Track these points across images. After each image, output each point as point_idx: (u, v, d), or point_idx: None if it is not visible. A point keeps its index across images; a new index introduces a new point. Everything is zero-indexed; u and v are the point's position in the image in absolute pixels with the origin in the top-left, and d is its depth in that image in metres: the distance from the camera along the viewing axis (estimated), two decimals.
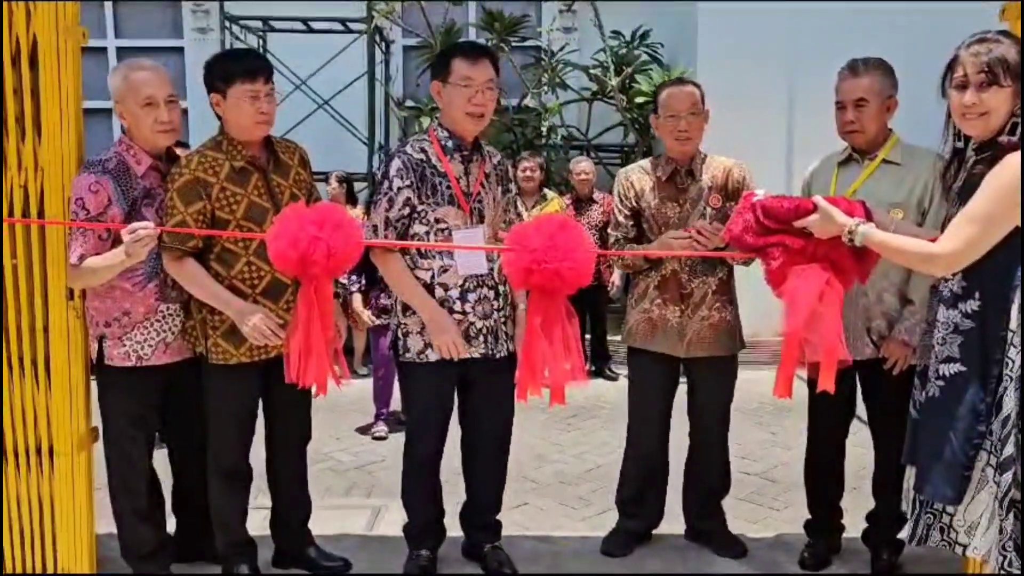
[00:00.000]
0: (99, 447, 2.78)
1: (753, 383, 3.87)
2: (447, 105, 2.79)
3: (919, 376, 2.34)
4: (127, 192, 2.61)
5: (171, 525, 3.00)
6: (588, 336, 6.39)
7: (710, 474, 3.23)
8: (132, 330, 2.66)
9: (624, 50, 7.68)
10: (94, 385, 2.75)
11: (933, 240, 2.17)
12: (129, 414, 2.71)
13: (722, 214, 2.96)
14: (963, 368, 2.14)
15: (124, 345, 2.66)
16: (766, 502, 4.00)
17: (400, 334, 2.87)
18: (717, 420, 3.18)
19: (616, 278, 6.25)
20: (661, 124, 3.04)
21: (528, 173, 6.17)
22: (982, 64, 2.09)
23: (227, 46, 7.59)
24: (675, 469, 3.28)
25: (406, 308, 2.84)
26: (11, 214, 2.51)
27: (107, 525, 2.85)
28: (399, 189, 2.75)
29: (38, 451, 2.62)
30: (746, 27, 6.68)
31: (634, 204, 3.09)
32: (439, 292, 2.79)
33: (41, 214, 2.53)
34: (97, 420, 2.77)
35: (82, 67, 2.62)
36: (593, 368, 6.40)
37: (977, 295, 2.13)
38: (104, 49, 8.49)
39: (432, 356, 2.81)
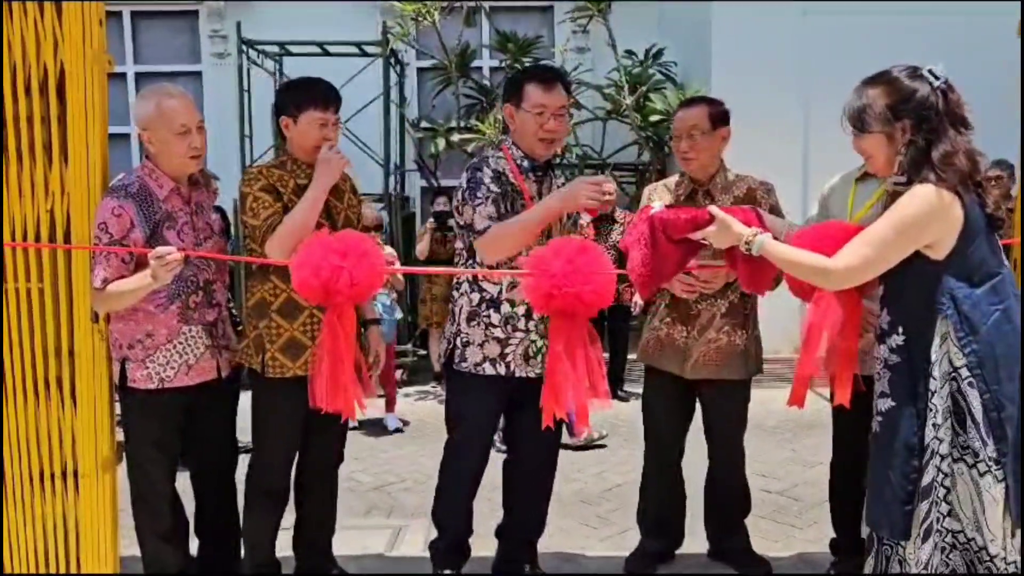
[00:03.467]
0: (123, 469, 2.79)
1: (772, 401, 3.85)
2: (520, 128, 2.83)
3: None
4: (149, 216, 2.64)
5: (193, 547, 3.00)
6: (606, 355, 6.39)
7: (728, 495, 3.22)
8: (155, 352, 2.68)
9: (638, 69, 7.72)
10: (117, 407, 2.77)
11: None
12: (152, 436, 2.72)
13: None
14: (894, 403, 2.16)
15: (147, 367, 2.68)
16: (788, 520, 3.96)
17: (459, 343, 2.86)
18: (729, 444, 3.16)
19: (638, 296, 6.24)
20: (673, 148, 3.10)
21: None
22: (848, 115, 2.22)
23: (244, 71, 7.69)
24: (700, 487, 3.27)
25: (470, 318, 2.84)
26: (37, 239, 2.55)
27: (131, 547, 2.87)
28: (496, 192, 2.75)
29: (63, 473, 2.64)
30: (760, 45, 6.70)
31: None
32: (505, 308, 2.81)
33: (67, 238, 2.56)
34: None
35: None
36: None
37: (901, 330, 2.15)
38: (123, 75, 8.63)
39: (488, 369, 2.83)
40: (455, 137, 7.64)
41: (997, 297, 2.08)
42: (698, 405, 3.19)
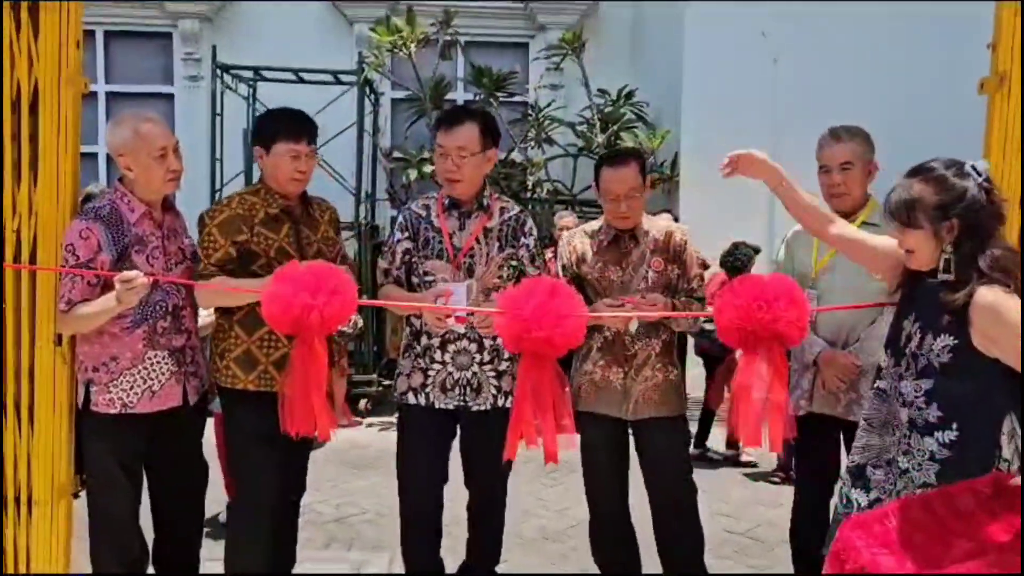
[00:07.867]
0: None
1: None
2: (436, 169, 2.97)
3: (852, 474, 2.29)
4: (118, 239, 2.62)
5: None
6: None
7: (681, 540, 3.09)
8: (119, 376, 2.64)
9: (610, 108, 7.82)
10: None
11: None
12: (115, 462, 2.67)
13: (665, 277, 3.00)
14: None
15: (110, 392, 2.64)
16: (750, 561, 3.97)
17: (395, 375, 3.03)
18: (676, 482, 3.04)
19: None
20: (601, 201, 3.02)
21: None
22: (893, 207, 2.12)
23: (218, 94, 7.66)
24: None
25: (404, 350, 2.98)
26: (1, 259, 2.51)
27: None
28: (399, 241, 2.94)
29: (16, 499, 2.57)
30: (730, 89, 6.83)
31: (575, 269, 3.06)
32: (424, 340, 2.93)
33: (33, 259, 2.52)
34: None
35: None
36: None
37: (955, 426, 2.10)
38: (95, 94, 8.54)
39: (411, 399, 2.93)
40: (427, 168, 7.66)
41: None
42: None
